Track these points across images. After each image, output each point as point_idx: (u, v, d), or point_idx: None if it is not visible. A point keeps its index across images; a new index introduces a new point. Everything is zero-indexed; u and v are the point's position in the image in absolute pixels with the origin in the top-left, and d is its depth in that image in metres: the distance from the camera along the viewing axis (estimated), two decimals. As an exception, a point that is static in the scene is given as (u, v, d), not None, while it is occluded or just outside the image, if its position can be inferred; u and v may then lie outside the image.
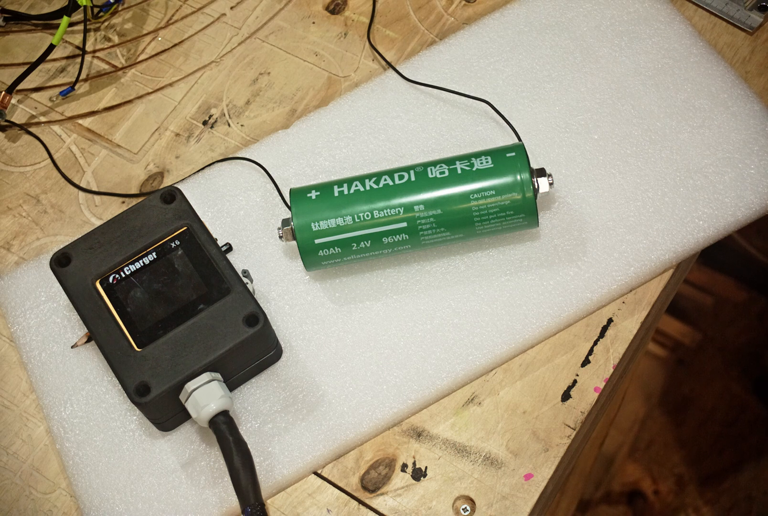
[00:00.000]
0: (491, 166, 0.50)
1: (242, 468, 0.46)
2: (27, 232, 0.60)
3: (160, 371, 0.48)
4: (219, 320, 0.49)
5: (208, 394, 0.47)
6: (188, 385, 0.48)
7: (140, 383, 0.47)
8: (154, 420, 0.50)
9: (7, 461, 0.53)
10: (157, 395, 0.47)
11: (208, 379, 0.48)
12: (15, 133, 0.63)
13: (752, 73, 0.60)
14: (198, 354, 0.48)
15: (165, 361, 0.48)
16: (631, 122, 0.57)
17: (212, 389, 0.48)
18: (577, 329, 0.53)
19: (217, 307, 0.49)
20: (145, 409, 0.48)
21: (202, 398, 0.47)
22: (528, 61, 0.60)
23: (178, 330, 0.49)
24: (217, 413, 0.47)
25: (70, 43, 0.66)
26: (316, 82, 0.63)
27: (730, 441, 1.21)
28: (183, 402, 0.48)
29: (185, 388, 0.48)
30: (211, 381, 0.48)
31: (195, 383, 0.48)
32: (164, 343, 0.48)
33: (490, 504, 0.49)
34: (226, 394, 0.48)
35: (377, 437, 0.52)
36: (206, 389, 0.48)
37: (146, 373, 0.48)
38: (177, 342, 0.48)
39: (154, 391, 0.47)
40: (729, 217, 0.54)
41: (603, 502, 1.20)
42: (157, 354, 0.48)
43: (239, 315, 0.49)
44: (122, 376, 0.48)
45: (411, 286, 0.54)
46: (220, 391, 0.48)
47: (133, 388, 0.47)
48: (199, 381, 0.48)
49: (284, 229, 0.52)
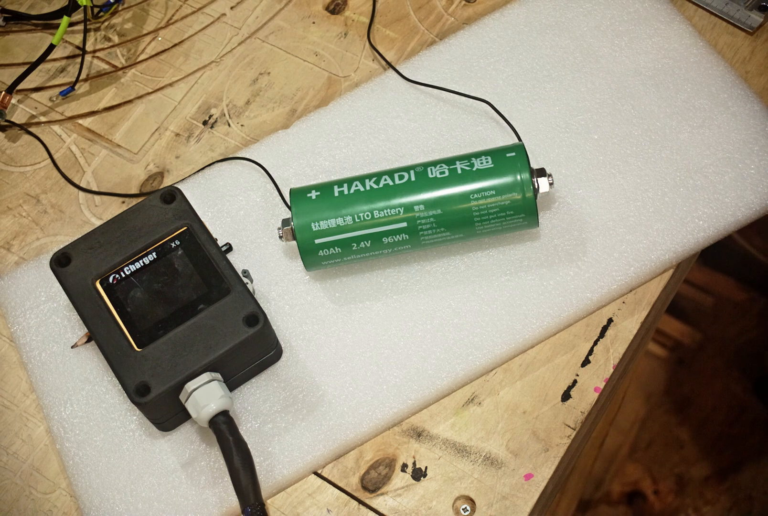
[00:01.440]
0: (491, 166, 0.50)
1: (242, 468, 0.46)
2: (27, 232, 0.60)
3: (160, 371, 0.48)
4: (219, 320, 0.49)
5: (208, 394, 0.48)
6: (188, 385, 0.48)
7: (140, 383, 0.47)
8: (154, 420, 0.50)
9: (7, 461, 0.53)
10: (157, 395, 0.47)
11: (208, 379, 0.48)
12: (15, 133, 0.63)
13: (752, 73, 0.60)
14: (198, 354, 0.48)
15: (165, 361, 0.48)
16: (631, 122, 0.57)
17: (212, 389, 0.48)
18: (577, 329, 0.53)
19: (217, 307, 0.49)
20: (145, 409, 0.48)
21: (202, 398, 0.47)
22: (528, 61, 0.60)
23: (178, 330, 0.49)
24: (217, 413, 0.47)
25: (70, 43, 0.66)
26: (316, 82, 0.63)
27: (731, 441, 1.20)
28: (183, 402, 0.48)
29: (185, 388, 0.48)
30: (211, 381, 0.48)
31: (195, 383, 0.48)
32: (164, 343, 0.48)
33: (490, 504, 0.49)
34: (226, 394, 0.48)
35: (377, 437, 0.52)
36: (206, 389, 0.48)
37: (146, 373, 0.48)
38: (177, 342, 0.48)
39: (154, 391, 0.47)
40: (729, 217, 0.54)
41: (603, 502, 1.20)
42: (157, 354, 0.48)
43: (239, 315, 0.49)
44: (122, 376, 0.48)
45: (411, 286, 0.54)
46: (220, 391, 0.48)
47: (133, 388, 0.47)
48: (199, 381, 0.48)
49: (284, 229, 0.52)
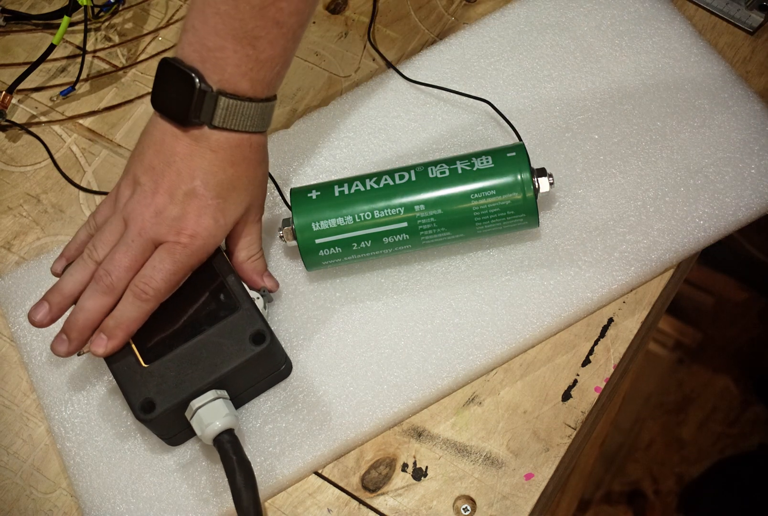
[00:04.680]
0: (492, 165, 0.50)
1: (244, 488, 0.46)
2: (27, 232, 0.60)
3: (165, 388, 0.47)
4: (226, 337, 0.48)
5: (213, 412, 0.47)
6: (193, 403, 0.47)
7: (145, 400, 0.47)
8: (161, 436, 0.50)
9: (7, 461, 0.53)
10: (162, 412, 0.47)
11: (213, 396, 0.48)
12: (15, 133, 0.63)
13: (752, 72, 0.60)
14: (204, 371, 0.48)
15: (171, 377, 0.48)
16: (631, 122, 0.57)
17: (217, 407, 0.47)
18: (577, 329, 0.53)
19: (224, 324, 0.49)
20: (151, 425, 0.48)
21: (206, 416, 0.47)
22: (528, 60, 0.60)
23: (185, 346, 0.48)
24: (222, 431, 0.47)
25: (71, 42, 0.66)
26: (316, 81, 0.63)
27: (731, 441, 1.20)
28: (188, 419, 0.48)
29: (190, 405, 0.47)
30: (216, 399, 0.48)
31: (200, 401, 0.47)
32: (170, 360, 0.48)
33: (491, 504, 0.49)
34: (231, 412, 0.48)
35: (378, 437, 0.52)
36: (211, 407, 0.47)
37: (152, 390, 0.47)
38: (183, 359, 0.48)
39: (159, 408, 0.47)
40: (729, 217, 0.54)
41: (603, 502, 1.20)
42: (163, 370, 0.48)
43: (246, 333, 0.48)
44: (128, 392, 0.48)
45: (411, 286, 0.54)
46: (225, 409, 0.47)
47: (138, 404, 0.47)
48: (204, 399, 0.47)
49: (285, 229, 0.52)
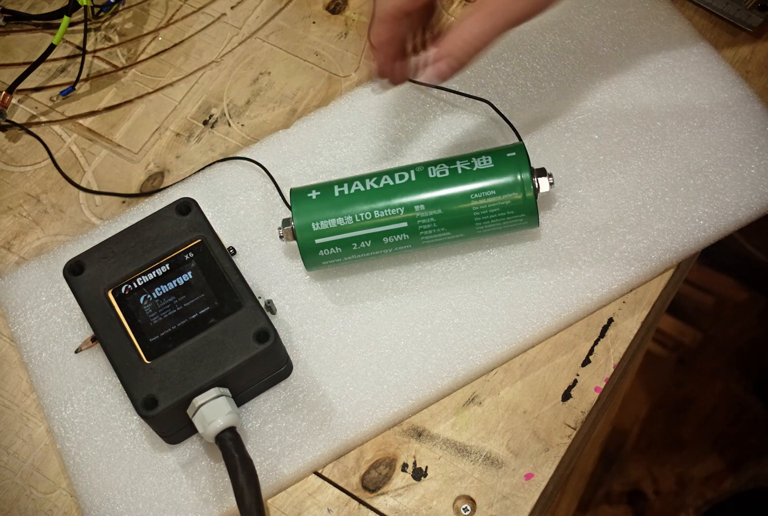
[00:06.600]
0: (492, 165, 0.50)
1: (247, 486, 0.46)
2: (27, 232, 0.60)
3: (168, 385, 0.47)
4: (229, 335, 0.48)
5: (216, 410, 0.47)
6: (196, 400, 0.47)
7: (148, 396, 0.47)
8: (162, 433, 0.50)
9: (7, 461, 0.53)
10: (164, 409, 0.47)
11: (215, 394, 0.47)
12: (15, 133, 0.63)
13: (752, 73, 0.60)
14: (207, 369, 0.47)
15: (173, 374, 0.47)
16: (631, 122, 0.57)
17: (220, 405, 0.47)
18: (577, 329, 0.53)
19: (227, 322, 0.49)
20: (152, 422, 0.48)
21: (209, 414, 0.47)
22: (528, 60, 0.60)
23: (188, 343, 0.48)
24: (224, 429, 0.47)
25: (71, 42, 0.66)
26: (316, 81, 0.63)
27: (731, 441, 1.20)
28: (190, 416, 0.48)
29: (193, 402, 0.47)
30: (218, 396, 0.47)
31: (202, 398, 0.47)
32: (173, 357, 0.48)
33: (491, 504, 0.49)
34: (233, 410, 0.48)
35: (378, 437, 0.52)
36: (214, 404, 0.47)
37: (154, 387, 0.47)
38: (186, 356, 0.48)
39: (161, 404, 0.47)
40: (729, 217, 0.54)
41: (603, 502, 1.20)
42: (165, 367, 0.48)
43: (250, 331, 0.48)
44: (130, 388, 0.47)
45: (411, 286, 0.54)
46: (227, 406, 0.47)
47: (140, 401, 0.47)
48: (206, 396, 0.47)
49: (285, 229, 0.52)
